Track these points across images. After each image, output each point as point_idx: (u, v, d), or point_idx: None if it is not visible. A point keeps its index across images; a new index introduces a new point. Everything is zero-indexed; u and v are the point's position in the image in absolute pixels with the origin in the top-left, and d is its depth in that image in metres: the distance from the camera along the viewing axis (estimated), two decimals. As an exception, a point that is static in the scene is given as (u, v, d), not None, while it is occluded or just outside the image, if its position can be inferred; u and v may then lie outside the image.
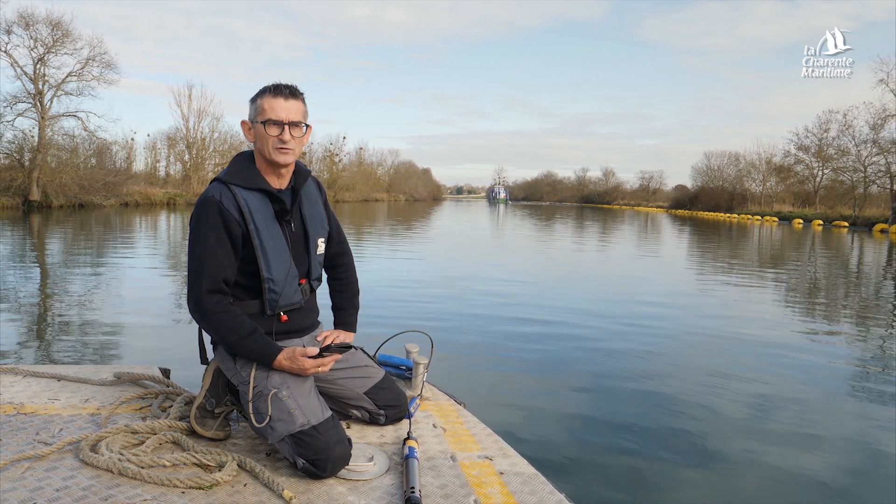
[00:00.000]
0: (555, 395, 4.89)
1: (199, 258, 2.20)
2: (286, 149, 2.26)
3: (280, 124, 2.24)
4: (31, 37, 36.04)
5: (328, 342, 2.47)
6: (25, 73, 36.51)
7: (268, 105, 2.25)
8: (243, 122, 2.33)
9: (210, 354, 2.45)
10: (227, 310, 2.21)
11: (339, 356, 2.28)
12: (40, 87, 36.84)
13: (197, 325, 2.38)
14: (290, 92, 2.28)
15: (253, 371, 2.23)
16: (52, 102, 37.59)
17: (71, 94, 38.31)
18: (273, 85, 2.28)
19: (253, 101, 2.30)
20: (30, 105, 36.72)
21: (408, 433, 2.35)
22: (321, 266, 2.53)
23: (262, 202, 2.29)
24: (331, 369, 2.48)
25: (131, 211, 35.69)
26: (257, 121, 2.26)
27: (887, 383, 5.55)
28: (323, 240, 2.50)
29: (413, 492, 1.96)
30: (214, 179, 2.31)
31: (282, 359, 2.19)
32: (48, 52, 36.69)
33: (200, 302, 2.19)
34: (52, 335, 6.28)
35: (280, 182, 2.36)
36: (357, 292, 2.74)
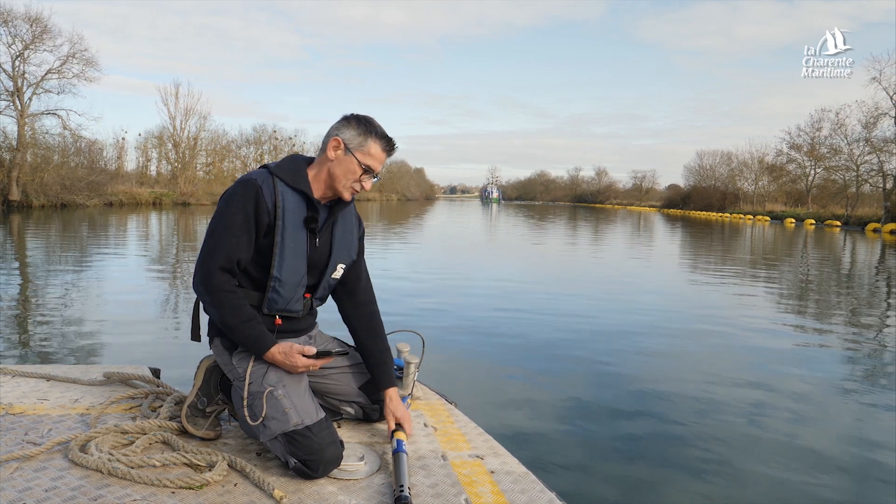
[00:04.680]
0: (546, 395, 4.90)
1: (220, 234, 2.19)
2: (357, 192, 2.34)
3: (374, 175, 2.31)
4: (10, 33, 35.65)
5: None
6: (4, 70, 36.18)
7: (375, 151, 2.29)
8: (335, 139, 2.27)
9: (204, 340, 2.42)
10: (233, 290, 2.20)
11: (331, 359, 2.28)
12: (19, 84, 36.43)
13: (194, 302, 2.38)
14: (394, 150, 2.37)
15: (249, 368, 2.22)
16: (31, 100, 37.23)
17: (51, 91, 38.02)
18: (388, 136, 2.33)
19: (361, 132, 2.28)
20: (8, 103, 36.32)
21: (396, 424, 2.34)
22: (330, 289, 2.47)
23: (298, 204, 2.26)
24: (324, 367, 2.47)
25: (115, 211, 35.40)
26: (356, 156, 2.26)
27: (883, 381, 5.58)
28: (343, 266, 2.44)
29: (402, 490, 1.94)
30: (262, 166, 2.32)
31: (276, 351, 2.18)
32: (26, 49, 36.26)
33: (210, 276, 2.18)
34: (41, 335, 6.25)
35: (324, 196, 2.35)
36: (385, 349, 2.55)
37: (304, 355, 2.19)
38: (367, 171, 2.29)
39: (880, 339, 7.52)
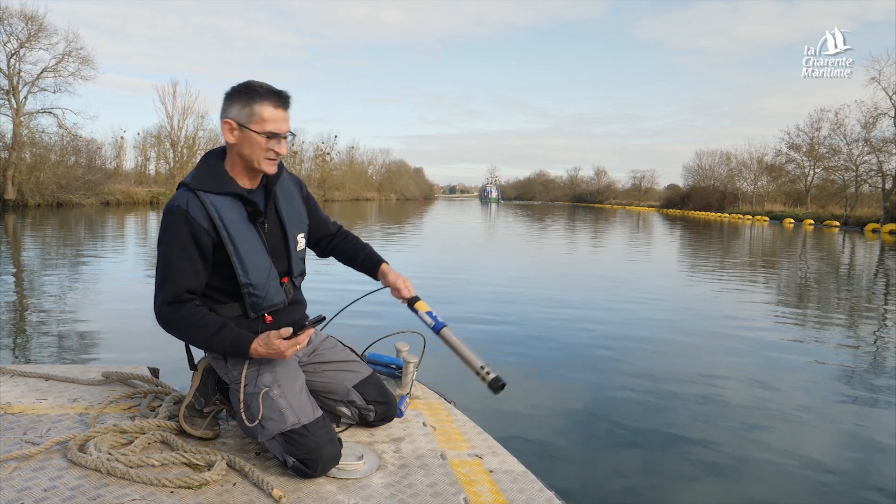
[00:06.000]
0: (545, 394, 4.90)
1: (162, 270, 2.16)
2: (276, 160, 2.22)
3: (282, 136, 2.18)
4: (6, 31, 35.46)
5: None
6: (-1, 69, 36.19)
7: (269, 115, 2.13)
8: (227, 122, 2.15)
9: (197, 359, 2.44)
10: (189, 312, 2.15)
11: (312, 330, 2.20)
12: (15, 82, 36.29)
13: None
14: (288, 102, 2.19)
15: (244, 370, 2.21)
16: (26, 99, 37.06)
17: (47, 90, 37.80)
18: (272, 91, 2.15)
19: (243, 103, 2.13)
20: (3, 101, 36.15)
21: (412, 296, 2.56)
22: (303, 262, 2.47)
23: (233, 206, 2.20)
24: (318, 362, 2.46)
25: (112, 210, 35.32)
26: (250, 128, 2.13)
27: (883, 381, 5.58)
28: (302, 235, 2.44)
29: (488, 371, 2.26)
30: (181, 185, 2.21)
31: (256, 346, 2.12)
32: (22, 47, 36.11)
33: (160, 313, 2.16)
34: (40, 335, 6.24)
35: (253, 182, 2.28)
36: (366, 244, 2.73)
37: (282, 338, 2.11)
38: (271, 136, 2.15)
39: (880, 339, 7.52)
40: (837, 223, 41.62)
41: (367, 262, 2.64)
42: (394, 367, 2.91)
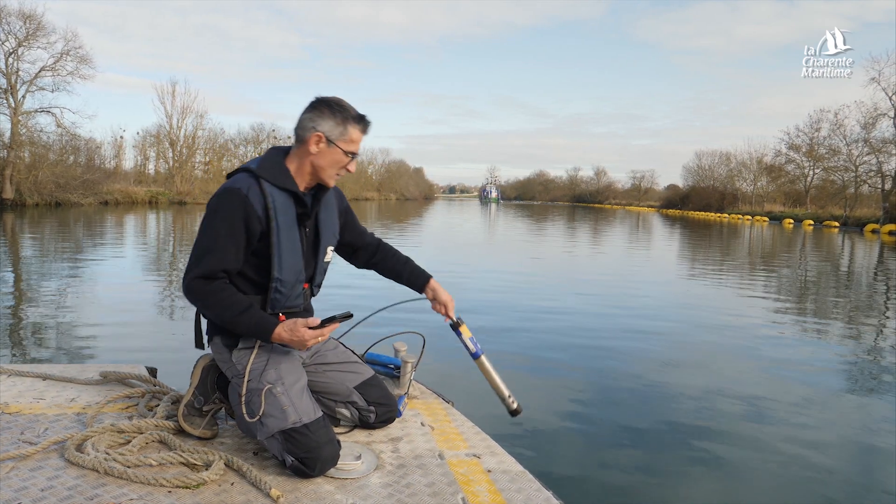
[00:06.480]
0: (543, 393, 4.90)
1: (205, 246, 2.17)
2: (342, 176, 2.35)
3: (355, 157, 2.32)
4: (4, 30, 35.46)
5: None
6: (-3, 68, 36.07)
7: (356, 136, 2.28)
8: (316, 134, 2.23)
9: (205, 342, 2.42)
10: (220, 288, 2.16)
11: (338, 324, 2.18)
12: (13, 81, 36.27)
13: (195, 312, 2.35)
14: (369, 125, 2.34)
15: (248, 366, 2.21)
16: (24, 98, 37.01)
17: (45, 89, 37.73)
18: (361, 115, 2.30)
19: (338, 121, 2.24)
20: (1, 101, 36.10)
21: (457, 318, 2.66)
22: (324, 274, 2.52)
23: (287, 202, 2.25)
24: (320, 363, 2.47)
25: (111, 210, 35.26)
26: (340, 146, 2.25)
27: (883, 382, 5.58)
28: (332, 248, 2.51)
29: (513, 401, 2.50)
30: (242, 169, 2.26)
31: (281, 330, 2.13)
32: (20, 46, 36.11)
33: (191, 285, 2.16)
34: (37, 334, 6.24)
35: (307, 187, 2.34)
36: (407, 258, 2.81)
37: (309, 327, 2.13)
38: (353, 156, 2.31)
39: (880, 340, 7.52)
40: (837, 224, 41.60)
41: (414, 278, 2.73)
42: (392, 367, 2.91)
